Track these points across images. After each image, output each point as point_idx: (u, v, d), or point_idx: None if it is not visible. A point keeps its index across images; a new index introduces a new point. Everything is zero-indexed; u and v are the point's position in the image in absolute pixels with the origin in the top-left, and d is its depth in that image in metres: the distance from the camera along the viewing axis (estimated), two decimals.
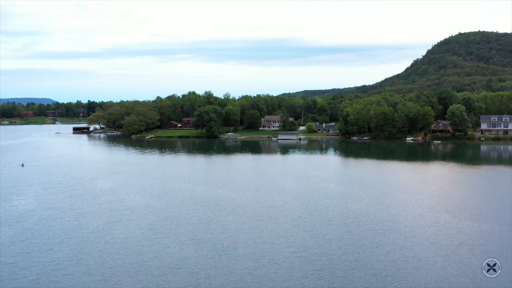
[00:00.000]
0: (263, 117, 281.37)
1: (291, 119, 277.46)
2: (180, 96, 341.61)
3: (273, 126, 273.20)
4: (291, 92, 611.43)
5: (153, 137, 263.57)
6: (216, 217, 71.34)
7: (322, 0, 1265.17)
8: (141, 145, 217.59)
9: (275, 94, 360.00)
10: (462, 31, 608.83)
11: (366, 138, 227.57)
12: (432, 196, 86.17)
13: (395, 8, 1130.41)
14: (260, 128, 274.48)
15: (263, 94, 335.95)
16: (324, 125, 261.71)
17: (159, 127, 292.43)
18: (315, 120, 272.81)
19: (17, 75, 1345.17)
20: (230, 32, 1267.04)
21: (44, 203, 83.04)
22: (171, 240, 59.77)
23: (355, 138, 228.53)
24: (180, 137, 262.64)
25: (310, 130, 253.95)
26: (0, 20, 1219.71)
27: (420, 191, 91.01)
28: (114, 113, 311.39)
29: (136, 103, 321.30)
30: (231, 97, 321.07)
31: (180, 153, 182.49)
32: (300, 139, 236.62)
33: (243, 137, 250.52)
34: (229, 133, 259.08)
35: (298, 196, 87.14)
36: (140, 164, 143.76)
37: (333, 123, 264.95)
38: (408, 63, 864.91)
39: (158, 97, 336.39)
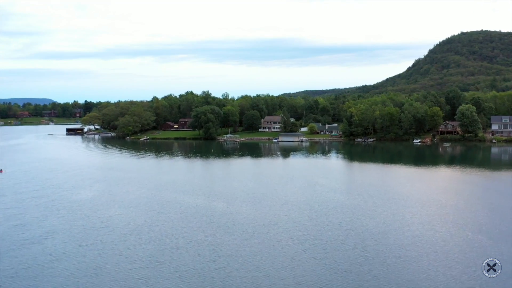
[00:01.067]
0: (263, 118, 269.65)
1: (292, 120, 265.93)
2: (177, 96, 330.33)
3: (274, 127, 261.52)
4: (291, 92, 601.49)
5: (148, 138, 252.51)
6: (208, 239, 60.27)
7: (322, 0, 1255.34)
8: (135, 147, 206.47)
9: (275, 95, 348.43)
10: (464, 31, 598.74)
11: (371, 140, 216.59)
12: (457, 210, 75.21)
13: (395, 8, 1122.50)
14: (260, 129, 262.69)
15: (263, 94, 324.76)
16: (326, 126, 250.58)
17: (155, 128, 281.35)
18: (317, 121, 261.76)
19: (17, 76, 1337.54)
20: (230, 32, 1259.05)
21: (11, 219, 71.87)
22: (151, 273, 48.62)
23: (359, 140, 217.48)
24: (176, 138, 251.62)
25: (312, 132, 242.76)
26: (0, 20, 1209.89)
27: (442, 204, 79.95)
28: (108, 114, 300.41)
29: (132, 103, 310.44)
30: (230, 97, 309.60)
31: (175, 157, 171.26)
32: (302, 141, 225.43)
33: (242, 138, 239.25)
34: (228, 135, 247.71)
35: (304, 210, 76.05)
36: (130, 169, 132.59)
37: (336, 124, 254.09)
38: (409, 63, 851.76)
39: (154, 97, 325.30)
